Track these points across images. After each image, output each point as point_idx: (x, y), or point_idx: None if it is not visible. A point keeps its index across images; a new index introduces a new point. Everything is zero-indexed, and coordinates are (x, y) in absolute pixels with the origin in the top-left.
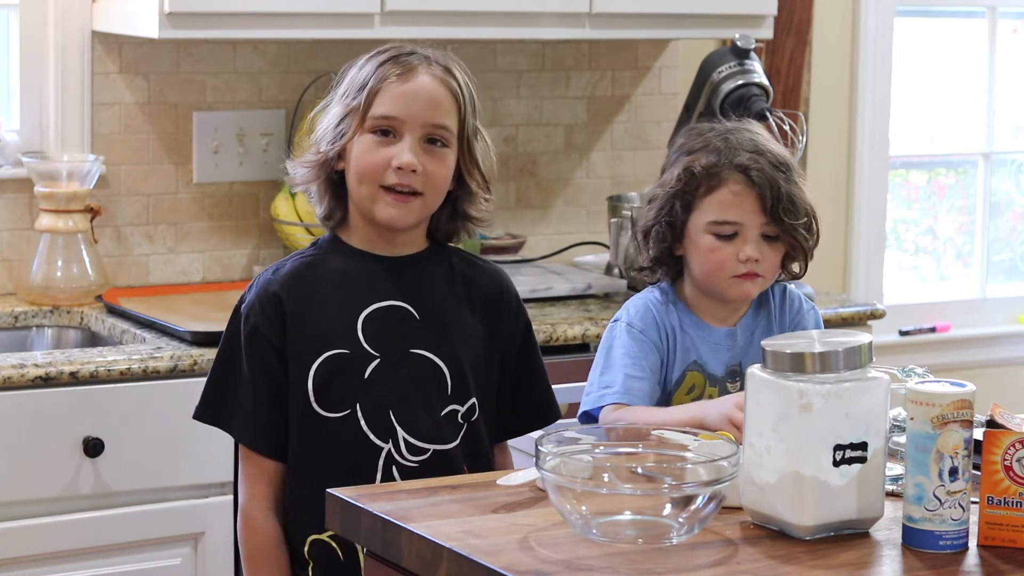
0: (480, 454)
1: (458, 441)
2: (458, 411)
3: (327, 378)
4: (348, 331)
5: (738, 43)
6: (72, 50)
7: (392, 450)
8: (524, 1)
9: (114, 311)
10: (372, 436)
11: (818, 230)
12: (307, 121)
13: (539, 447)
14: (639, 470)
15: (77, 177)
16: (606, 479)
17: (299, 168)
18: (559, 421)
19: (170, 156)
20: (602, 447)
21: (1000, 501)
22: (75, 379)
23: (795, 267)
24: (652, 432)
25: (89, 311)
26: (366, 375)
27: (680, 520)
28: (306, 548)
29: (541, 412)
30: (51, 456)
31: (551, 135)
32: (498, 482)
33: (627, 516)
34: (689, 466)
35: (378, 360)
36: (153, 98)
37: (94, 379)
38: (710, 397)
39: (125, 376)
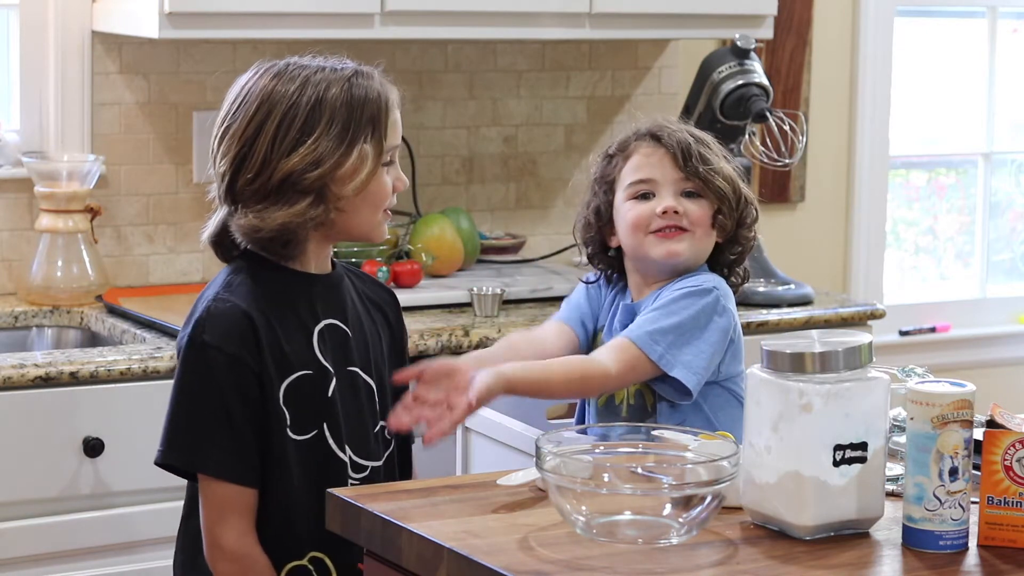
0: (402, 471)
1: (383, 460)
2: (384, 428)
3: (296, 399)
4: (307, 350)
5: (738, 43)
6: (72, 50)
7: (349, 467)
8: (524, 1)
9: (114, 311)
10: (339, 452)
11: (748, 201)
12: None
13: (539, 447)
14: (639, 470)
15: (77, 177)
16: (606, 479)
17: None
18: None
19: (170, 156)
20: (602, 447)
21: (1000, 501)
22: (75, 379)
23: (731, 254)
24: (652, 432)
25: (89, 311)
26: (329, 393)
27: (680, 520)
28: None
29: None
30: (51, 456)
31: (551, 135)
32: (498, 482)
33: (627, 516)
34: (689, 466)
35: (335, 378)
36: (153, 98)
37: (94, 379)
38: None
39: (125, 376)
